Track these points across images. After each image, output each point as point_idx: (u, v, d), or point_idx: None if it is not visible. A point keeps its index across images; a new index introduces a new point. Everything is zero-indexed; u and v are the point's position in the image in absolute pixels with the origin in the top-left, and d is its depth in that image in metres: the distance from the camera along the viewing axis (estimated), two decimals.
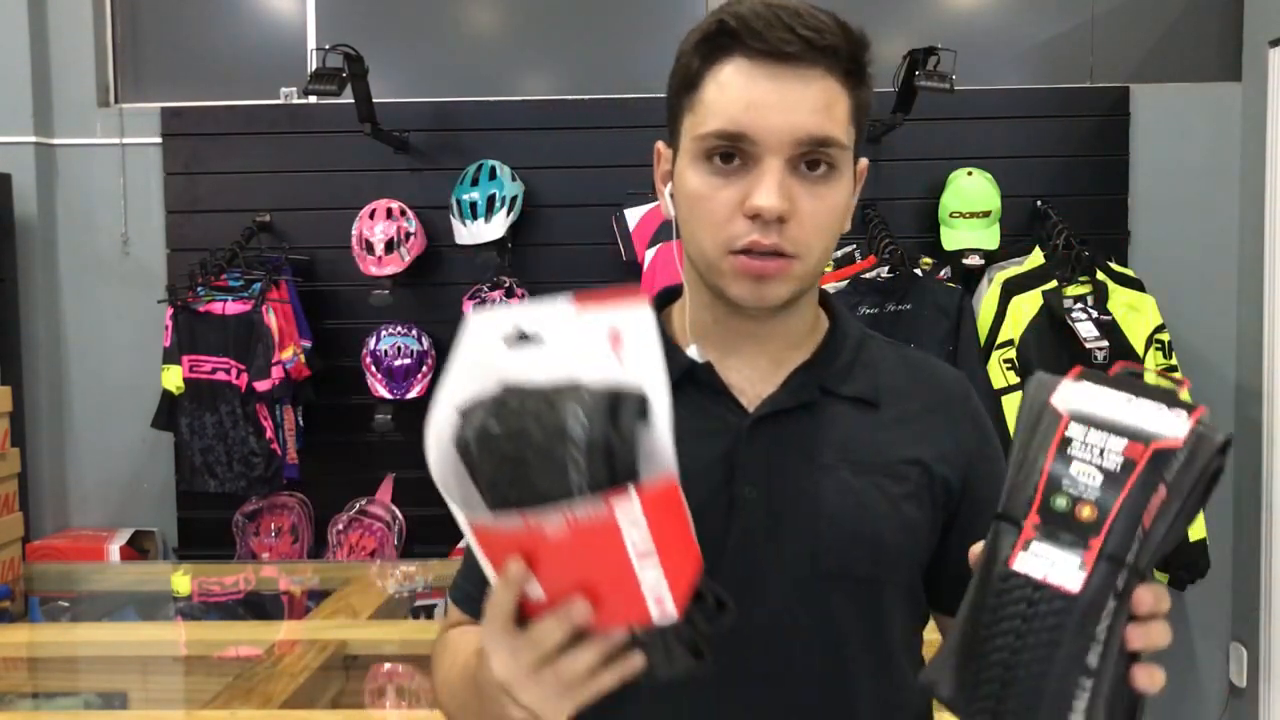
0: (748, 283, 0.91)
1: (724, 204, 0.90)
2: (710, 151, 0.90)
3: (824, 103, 0.89)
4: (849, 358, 1.01)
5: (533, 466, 0.68)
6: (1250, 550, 3.24)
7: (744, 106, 0.88)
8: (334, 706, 1.85)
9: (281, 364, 3.20)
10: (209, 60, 3.59)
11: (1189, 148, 3.33)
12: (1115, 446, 0.70)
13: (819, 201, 0.90)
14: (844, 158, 0.92)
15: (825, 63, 0.89)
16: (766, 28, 0.87)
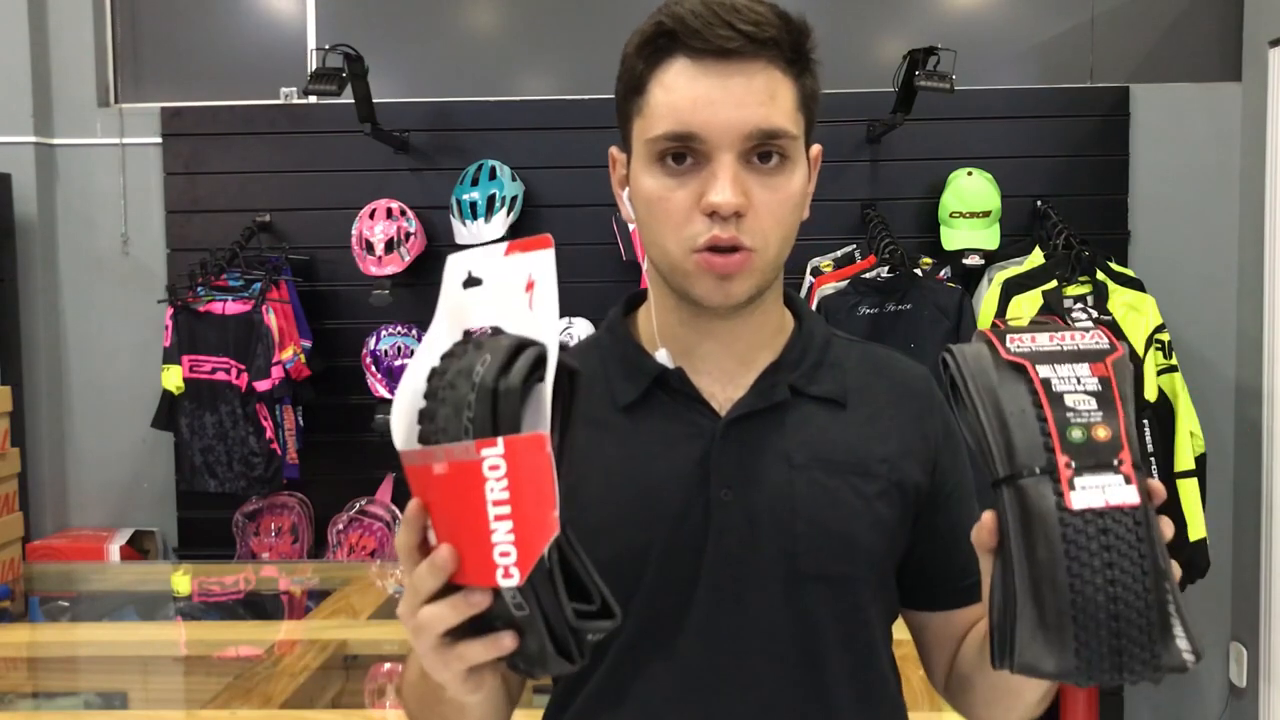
0: (712, 280, 0.91)
1: (681, 204, 0.90)
2: (662, 153, 0.91)
3: (769, 95, 0.89)
4: (816, 357, 1.01)
5: (441, 403, 0.70)
6: (1250, 550, 3.24)
7: (690, 106, 0.88)
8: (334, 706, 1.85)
9: (281, 364, 3.20)
10: (209, 60, 3.59)
11: (1189, 148, 3.33)
12: (1084, 371, 0.75)
13: (773, 193, 0.91)
14: (795, 147, 0.92)
15: (767, 55, 0.89)
16: (705, 26, 0.88)
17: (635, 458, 0.97)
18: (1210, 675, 3.41)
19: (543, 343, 0.70)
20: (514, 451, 0.67)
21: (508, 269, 0.74)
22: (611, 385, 1.00)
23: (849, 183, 3.33)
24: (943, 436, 1.02)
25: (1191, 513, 2.97)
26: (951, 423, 1.04)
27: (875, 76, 3.30)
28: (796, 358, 1.00)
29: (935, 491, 1.01)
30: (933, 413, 1.03)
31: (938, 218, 3.23)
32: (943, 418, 1.03)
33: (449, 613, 0.71)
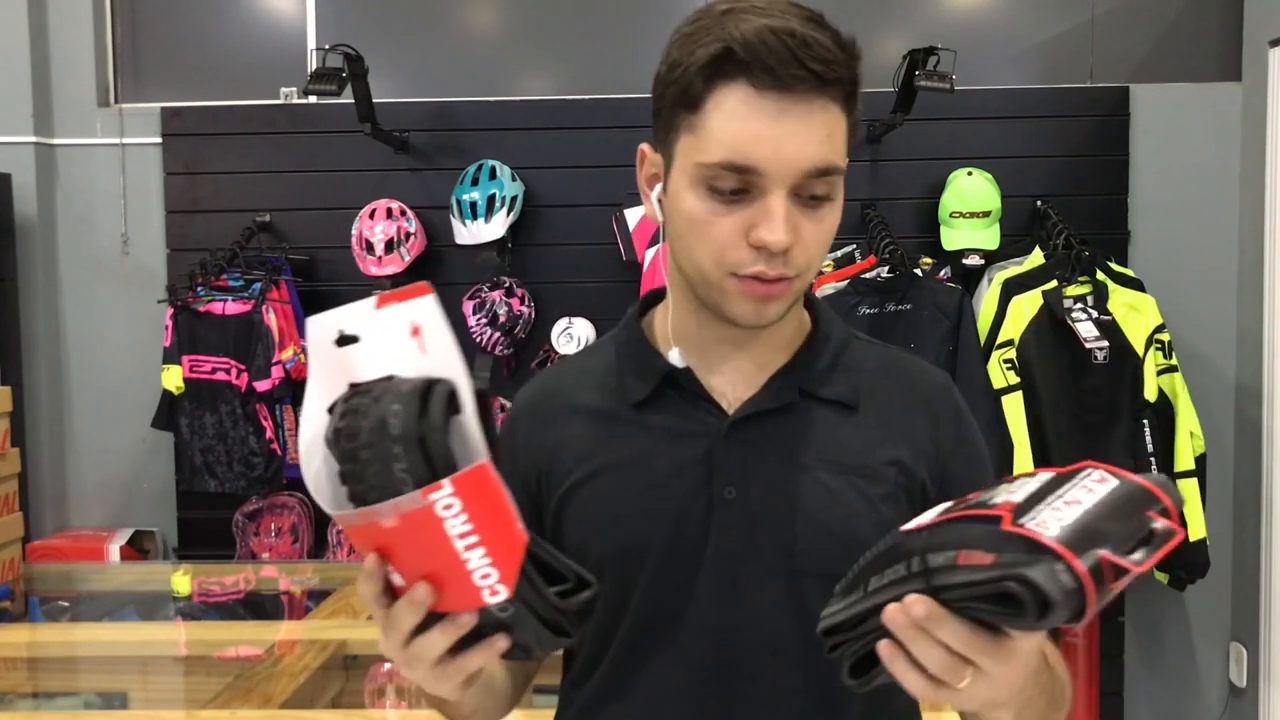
0: (750, 303, 0.92)
1: (727, 231, 0.90)
2: (714, 180, 0.89)
3: (827, 133, 0.89)
4: (829, 360, 1.02)
5: (367, 463, 0.71)
6: (1250, 550, 3.24)
7: (752, 139, 0.87)
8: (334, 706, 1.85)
9: (281, 364, 3.20)
10: (209, 60, 3.59)
11: (1189, 148, 3.33)
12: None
13: (819, 225, 0.91)
14: (840, 182, 0.92)
15: (830, 93, 0.88)
16: (778, 62, 0.85)
17: (642, 453, 0.98)
18: (1210, 675, 3.42)
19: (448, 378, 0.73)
20: (463, 488, 0.69)
21: (385, 320, 0.75)
22: (624, 382, 1.02)
23: (849, 183, 3.27)
24: (954, 443, 1.02)
25: (1191, 513, 2.97)
26: (968, 430, 1.04)
27: (875, 76, 3.29)
28: (809, 360, 1.01)
29: (941, 495, 0.99)
30: (946, 419, 1.02)
31: (938, 218, 3.23)
32: (957, 425, 1.03)
33: (441, 639, 0.75)
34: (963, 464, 1.01)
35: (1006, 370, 2.96)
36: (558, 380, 1.09)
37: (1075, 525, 0.68)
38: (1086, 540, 0.67)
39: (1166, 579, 3.08)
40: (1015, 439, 2.92)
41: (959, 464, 1.01)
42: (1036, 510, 0.70)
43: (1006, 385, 2.94)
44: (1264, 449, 3.17)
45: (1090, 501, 0.70)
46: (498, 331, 3.20)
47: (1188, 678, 3.42)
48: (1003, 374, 2.95)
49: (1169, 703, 3.42)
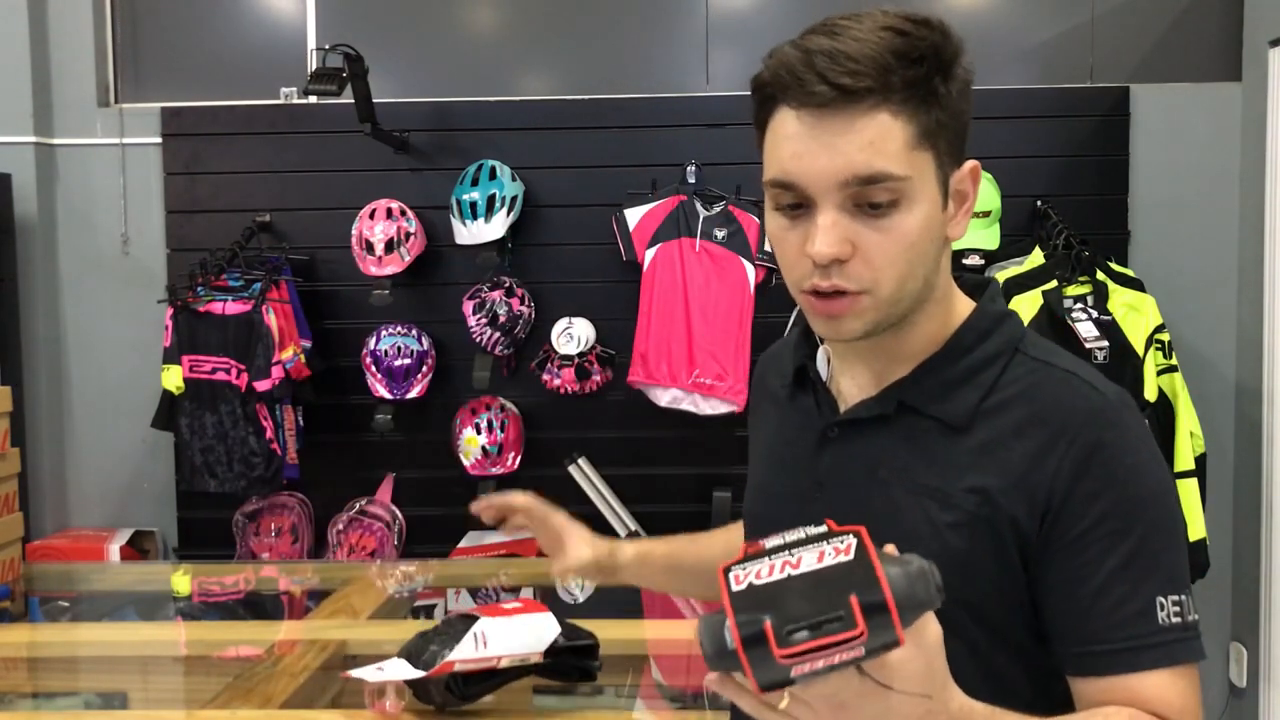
0: (821, 320, 0.96)
1: (792, 245, 0.94)
2: (776, 197, 0.93)
3: (869, 140, 0.88)
4: (956, 375, 0.98)
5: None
6: (1250, 550, 3.24)
7: (791, 156, 0.90)
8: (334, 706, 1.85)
9: (281, 364, 3.20)
10: (209, 60, 3.59)
11: (1189, 148, 3.33)
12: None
13: (884, 235, 0.90)
14: (908, 187, 0.89)
15: (867, 97, 0.87)
16: (799, 82, 0.88)
17: (778, 436, 1.11)
18: (1210, 675, 3.41)
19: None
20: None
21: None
22: (784, 370, 1.12)
23: None
24: (1072, 477, 0.90)
25: (1191, 513, 2.97)
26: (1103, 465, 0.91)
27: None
28: (928, 374, 0.99)
29: (1048, 536, 0.91)
30: (1074, 449, 0.91)
31: None
32: (1087, 457, 0.91)
33: None
34: (1081, 502, 0.90)
35: None
36: (773, 351, 1.21)
37: (764, 585, 0.68)
38: (761, 604, 0.67)
39: None
40: None
41: (1076, 501, 0.90)
42: (760, 560, 0.70)
43: None
44: (1264, 449, 3.17)
45: (807, 567, 0.69)
46: (498, 331, 3.20)
47: None
48: None
49: None
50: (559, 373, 3.28)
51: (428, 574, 2.77)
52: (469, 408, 3.29)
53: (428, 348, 3.30)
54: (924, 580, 0.70)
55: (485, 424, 3.25)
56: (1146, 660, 0.89)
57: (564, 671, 1.68)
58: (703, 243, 3.23)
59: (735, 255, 3.23)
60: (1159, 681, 0.88)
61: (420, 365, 3.27)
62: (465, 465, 3.26)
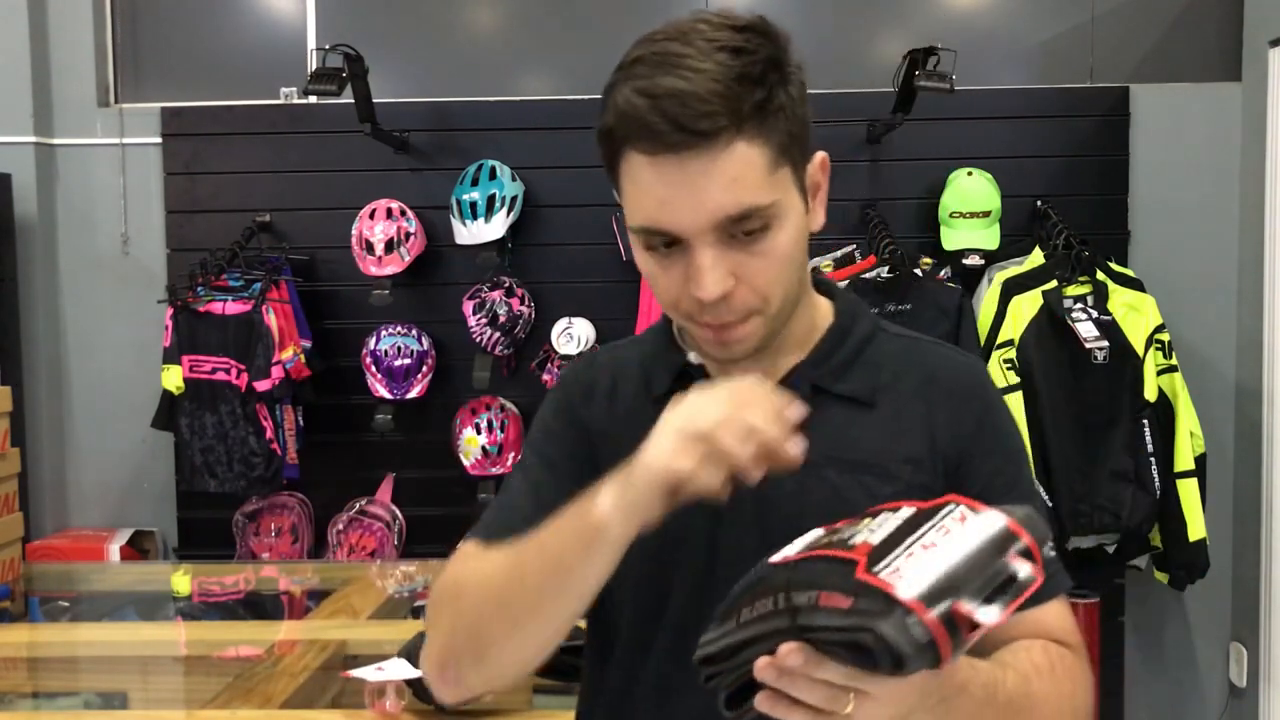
0: (715, 345, 0.94)
1: (671, 284, 0.92)
2: (645, 241, 0.92)
3: (731, 178, 0.86)
4: (846, 356, 1.01)
5: None
6: (1250, 550, 3.24)
7: (656, 205, 0.88)
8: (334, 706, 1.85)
9: (281, 364, 3.20)
10: (209, 60, 3.59)
11: (1189, 148, 3.33)
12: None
13: (762, 259, 0.90)
14: (776, 210, 0.90)
15: (722, 135, 0.85)
16: (649, 131, 0.85)
17: None
18: (1210, 675, 3.41)
19: None
20: None
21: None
22: (649, 377, 1.04)
23: (849, 183, 3.32)
24: (974, 431, 0.99)
25: (1191, 513, 2.97)
26: (993, 423, 1.02)
27: (875, 76, 3.30)
28: (825, 356, 1.01)
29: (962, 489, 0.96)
30: (967, 406, 1.00)
31: (938, 218, 3.23)
32: (978, 411, 1.01)
33: None
34: (982, 459, 0.99)
35: (1006, 370, 2.96)
36: (601, 364, 1.10)
37: (929, 574, 0.67)
38: (940, 592, 0.66)
39: (1166, 579, 3.09)
40: None
41: (978, 459, 0.99)
42: (893, 556, 0.69)
43: (1006, 385, 2.94)
44: (1264, 449, 3.17)
45: (948, 546, 0.69)
46: (498, 331, 3.20)
47: (1188, 678, 3.42)
48: (1003, 374, 2.95)
49: (1169, 703, 3.42)
50: (559, 373, 3.28)
51: (428, 574, 2.77)
52: (469, 408, 3.29)
53: (428, 348, 3.30)
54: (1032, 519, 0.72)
55: (485, 424, 3.25)
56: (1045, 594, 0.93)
57: (564, 671, 1.67)
58: None
59: None
60: (1055, 610, 0.98)
61: (420, 365, 3.27)
62: (465, 465, 3.26)
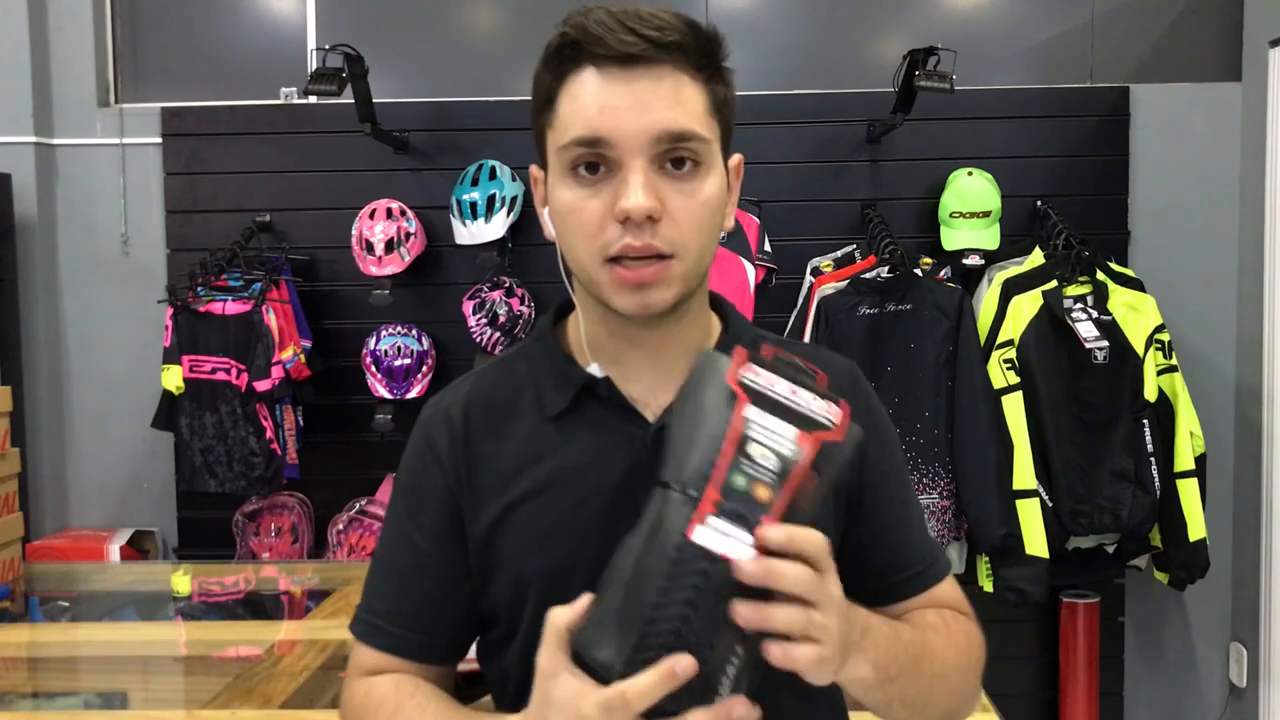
0: (628, 292, 0.91)
1: (594, 212, 0.90)
2: (574, 162, 0.90)
3: (676, 98, 0.89)
4: None
5: None
6: (1250, 550, 3.24)
7: (597, 112, 0.88)
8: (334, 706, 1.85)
9: (281, 364, 3.20)
10: (209, 60, 3.59)
11: (1189, 148, 3.33)
12: (788, 434, 0.76)
13: (689, 198, 0.90)
14: (707, 150, 0.91)
15: (673, 60, 0.89)
16: (608, 33, 0.88)
17: (566, 468, 0.96)
18: (1210, 675, 3.42)
19: None
20: None
21: None
22: (541, 395, 1.00)
23: (849, 183, 3.33)
24: (870, 427, 0.99)
25: (1191, 513, 2.97)
26: (878, 416, 1.06)
27: (875, 76, 3.30)
28: None
29: (863, 486, 1.01)
30: (859, 408, 0.98)
31: (938, 218, 3.23)
32: (870, 410, 1.04)
33: None
34: (875, 448, 1.02)
35: (1006, 370, 2.96)
36: (475, 392, 1.04)
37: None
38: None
39: (1166, 579, 3.09)
40: (1015, 439, 2.92)
41: (873, 450, 1.01)
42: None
43: (1006, 385, 2.94)
44: (1264, 449, 3.17)
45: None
46: (498, 331, 3.20)
47: (1188, 678, 3.42)
48: (1003, 374, 2.95)
49: (1169, 703, 3.42)
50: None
51: None
52: None
53: (428, 348, 3.30)
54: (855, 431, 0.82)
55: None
56: (940, 571, 1.06)
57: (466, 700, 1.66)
58: None
59: (735, 255, 3.22)
60: (946, 585, 1.06)
61: (420, 365, 3.27)
62: None
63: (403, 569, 1.01)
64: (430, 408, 1.06)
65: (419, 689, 0.98)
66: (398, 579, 1.01)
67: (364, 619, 1.03)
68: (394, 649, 1.01)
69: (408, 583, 1.01)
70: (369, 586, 1.04)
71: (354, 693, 1.01)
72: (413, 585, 1.00)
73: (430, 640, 1.01)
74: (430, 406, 1.06)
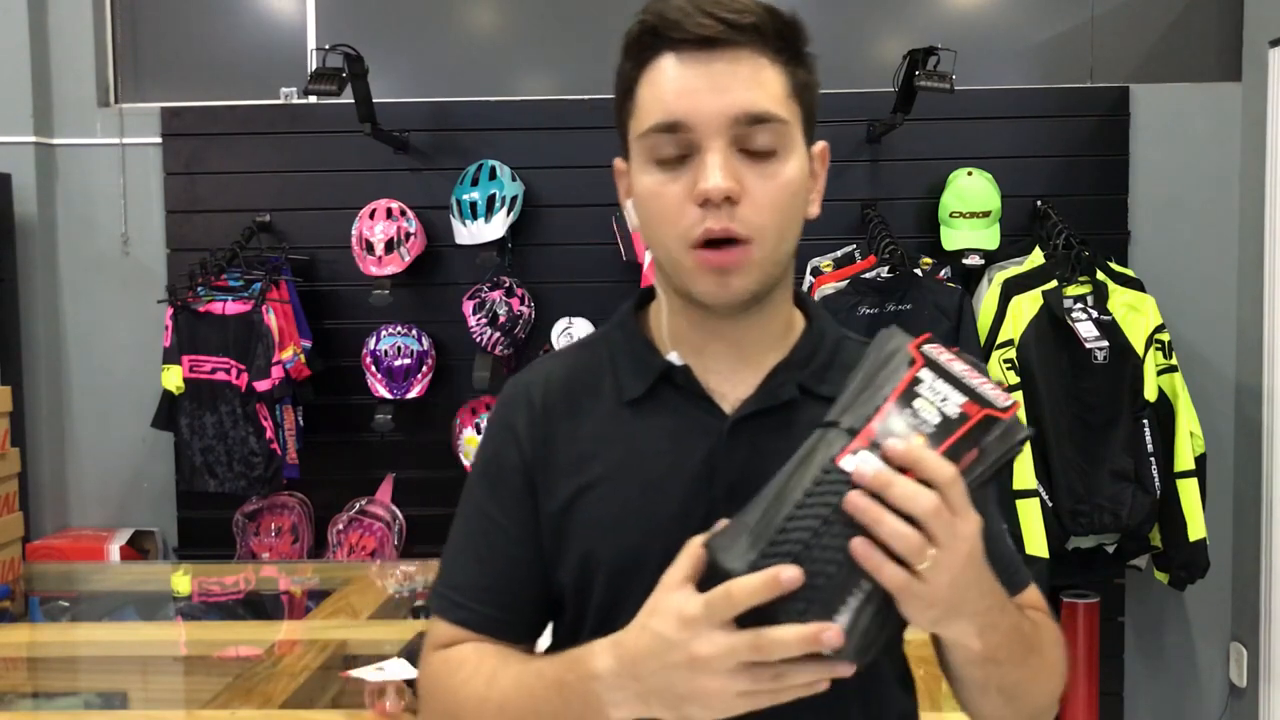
0: (711, 278, 0.91)
1: (675, 197, 0.90)
2: (655, 148, 0.91)
3: (755, 80, 0.89)
4: (825, 358, 1.00)
5: None
6: (1250, 550, 3.24)
7: (675, 95, 0.89)
8: (334, 706, 1.85)
9: (281, 364, 3.20)
10: (209, 60, 3.59)
11: (1189, 148, 3.33)
12: (955, 400, 0.78)
13: (768, 181, 0.90)
14: (788, 134, 0.91)
15: (752, 42, 0.89)
16: (685, 17, 0.88)
17: (642, 454, 0.97)
18: (1210, 675, 3.42)
19: None
20: None
21: None
22: (620, 380, 1.00)
23: (849, 183, 3.33)
24: None
25: (1191, 513, 2.97)
26: None
27: (875, 76, 3.30)
28: (805, 357, 1.00)
29: None
30: None
31: (938, 218, 3.23)
32: None
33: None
34: None
35: (1006, 370, 2.96)
36: (555, 372, 1.05)
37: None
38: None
39: (1166, 579, 3.09)
40: None
41: None
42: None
43: (1007, 385, 2.94)
44: (1264, 449, 3.17)
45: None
46: (498, 331, 3.20)
47: (1188, 678, 3.42)
48: (1003, 374, 2.95)
49: (1169, 703, 3.42)
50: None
51: (428, 574, 2.77)
52: (469, 408, 3.29)
53: (428, 348, 3.30)
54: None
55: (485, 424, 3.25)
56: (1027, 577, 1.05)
57: None
58: None
59: None
60: (1034, 593, 1.05)
61: (420, 365, 3.27)
62: (465, 465, 3.26)
63: (480, 545, 1.02)
64: (510, 386, 1.07)
65: (499, 648, 0.99)
66: (475, 555, 1.02)
67: (442, 594, 1.03)
68: (470, 624, 1.01)
69: (484, 559, 1.01)
70: (446, 563, 1.05)
71: (431, 663, 1.01)
72: (489, 561, 1.01)
73: (507, 617, 1.01)
74: (510, 385, 1.07)
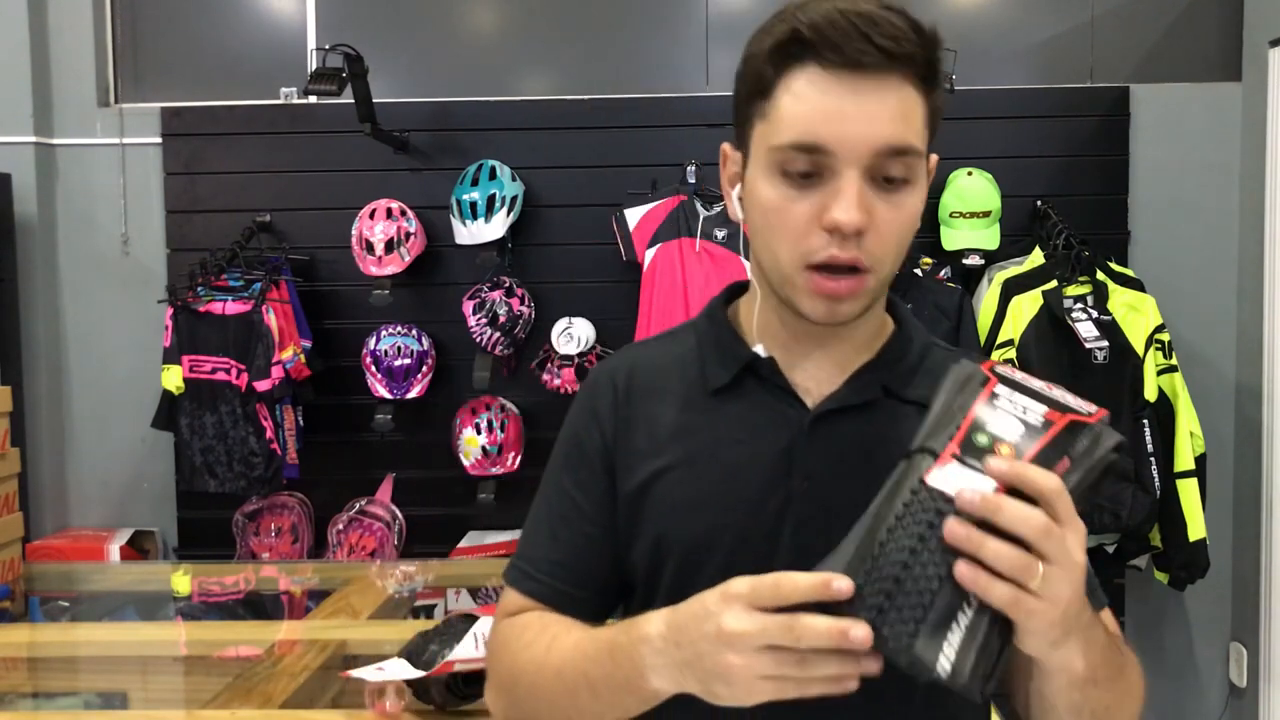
0: (822, 302, 0.91)
1: (800, 217, 0.89)
2: (787, 162, 0.89)
3: (901, 112, 0.88)
4: (913, 362, 1.01)
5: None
6: (1250, 550, 3.24)
7: (821, 117, 0.87)
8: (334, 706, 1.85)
9: (281, 364, 3.20)
10: (209, 60, 3.59)
11: (1189, 148, 3.33)
12: (1036, 409, 0.76)
13: (896, 211, 0.90)
14: (919, 165, 0.92)
15: (902, 71, 0.88)
16: (844, 39, 0.86)
17: (721, 441, 0.98)
18: (1210, 675, 3.41)
19: None
20: None
21: None
22: (705, 368, 1.02)
23: None
24: None
25: (1191, 513, 2.97)
26: None
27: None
28: (893, 360, 1.01)
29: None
30: None
31: (938, 218, 3.24)
32: None
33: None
34: None
35: None
36: (640, 359, 1.07)
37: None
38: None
39: (1166, 579, 3.08)
40: None
41: None
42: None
43: None
44: (1264, 449, 3.17)
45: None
46: (498, 331, 3.20)
47: (1188, 678, 3.42)
48: None
49: (1169, 703, 3.42)
50: (559, 373, 3.28)
51: (428, 574, 2.77)
52: (469, 408, 3.29)
53: (428, 348, 3.30)
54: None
55: (485, 424, 3.25)
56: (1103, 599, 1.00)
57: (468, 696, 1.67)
58: (703, 243, 3.23)
59: (735, 255, 3.23)
60: (1107, 616, 1.00)
61: (420, 365, 3.27)
62: (465, 465, 3.26)
63: (556, 521, 1.03)
64: (596, 370, 1.09)
65: (564, 618, 1.00)
66: (550, 530, 1.04)
67: (516, 565, 1.06)
68: (541, 596, 1.03)
69: (560, 534, 1.03)
70: (525, 536, 1.07)
71: (499, 629, 1.04)
72: (565, 537, 1.02)
73: (578, 593, 1.02)
74: (596, 369, 1.09)
